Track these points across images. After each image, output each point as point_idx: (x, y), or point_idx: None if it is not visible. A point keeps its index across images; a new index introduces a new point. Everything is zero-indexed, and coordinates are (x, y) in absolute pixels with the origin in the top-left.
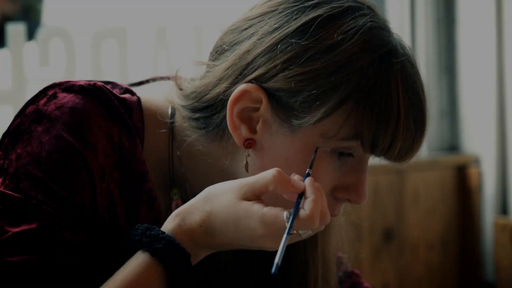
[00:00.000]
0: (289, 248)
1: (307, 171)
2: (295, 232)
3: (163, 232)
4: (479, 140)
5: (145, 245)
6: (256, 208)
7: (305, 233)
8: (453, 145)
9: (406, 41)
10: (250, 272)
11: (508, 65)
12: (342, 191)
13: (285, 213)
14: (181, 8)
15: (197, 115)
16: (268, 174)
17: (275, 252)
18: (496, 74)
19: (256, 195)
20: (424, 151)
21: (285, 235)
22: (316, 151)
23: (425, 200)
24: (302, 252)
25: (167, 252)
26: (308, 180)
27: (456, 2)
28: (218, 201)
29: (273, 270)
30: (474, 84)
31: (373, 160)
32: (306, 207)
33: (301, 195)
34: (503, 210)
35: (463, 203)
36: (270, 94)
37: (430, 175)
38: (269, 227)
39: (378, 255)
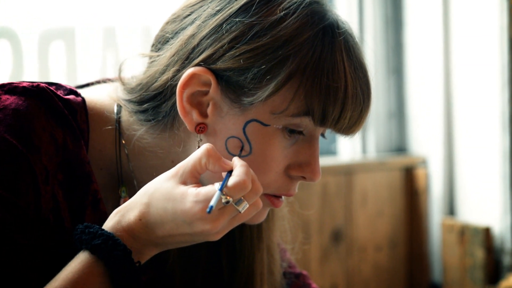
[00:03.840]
0: (235, 242)
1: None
2: (230, 199)
3: (102, 229)
4: (426, 142)
5: (85, 243)
6: (192, 189)
7: (242, 206)
8: (400, 147)
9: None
10: (197, 270)
11: (455, 67)
12: (295, 169)
13: (216, 185)
14: (129, 8)
15: (144, 105)
16: (201, 148)
17: (221, 247)
18: (443, 76)
19: (193, 175)
20: (372, 153)
21: (218, 191)
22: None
23: (373, 201)
24: (248, 244)
25: (106, 248)
26: (235, 158)
27: (403, 4)
28: (156, 191)
29: (208, 210)
30: (421, 85)
31: (322, 161)
32: (236, 172)
33: (231, 172)
34: (450, 211)
35: (411, 204)
36: (219, 76)
37: (378, 176)
38: (203, 203)
39: (327, 256)
